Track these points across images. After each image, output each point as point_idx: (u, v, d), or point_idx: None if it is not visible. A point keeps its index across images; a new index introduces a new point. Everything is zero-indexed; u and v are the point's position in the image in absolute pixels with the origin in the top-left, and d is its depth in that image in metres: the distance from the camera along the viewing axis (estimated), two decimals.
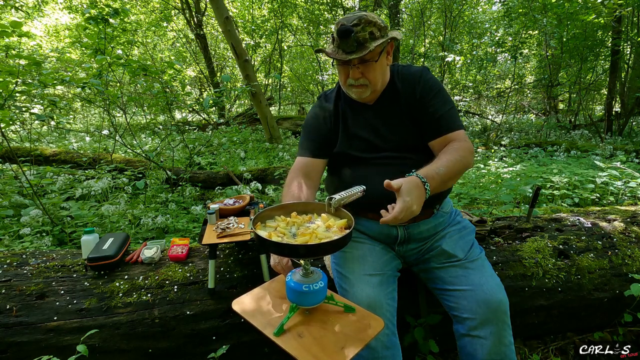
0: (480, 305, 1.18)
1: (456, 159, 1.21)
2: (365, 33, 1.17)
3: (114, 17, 3.34)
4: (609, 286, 1.61)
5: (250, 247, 1.61)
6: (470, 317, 1.19)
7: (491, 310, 1.18)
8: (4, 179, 3.61)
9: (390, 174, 1.29)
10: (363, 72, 1.24)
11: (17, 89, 2.60)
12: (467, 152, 1.25)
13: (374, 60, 1.22)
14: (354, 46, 1.17)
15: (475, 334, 1.18)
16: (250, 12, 10.50)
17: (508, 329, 1.20)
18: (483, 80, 12.01)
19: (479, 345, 1.18)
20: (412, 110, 1.32)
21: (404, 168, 1.29)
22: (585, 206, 2.97)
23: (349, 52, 1.19)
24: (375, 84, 1.28)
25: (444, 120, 1.29)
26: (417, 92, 1.31)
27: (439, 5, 9.60)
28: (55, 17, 11.25)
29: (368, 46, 1.17)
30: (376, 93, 1.33)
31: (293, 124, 8.27)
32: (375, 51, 1.21)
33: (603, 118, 7.84)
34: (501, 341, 1.17)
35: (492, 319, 1.17)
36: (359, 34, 1.16)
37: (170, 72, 4.39)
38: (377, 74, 1.26)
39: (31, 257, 1.57)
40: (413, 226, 1.35)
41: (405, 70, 1.37)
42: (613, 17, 5.78)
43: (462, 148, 1.25)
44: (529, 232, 1.76)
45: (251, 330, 1.06)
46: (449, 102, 1.33)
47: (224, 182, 4.18)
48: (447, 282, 1.27)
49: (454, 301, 1.24)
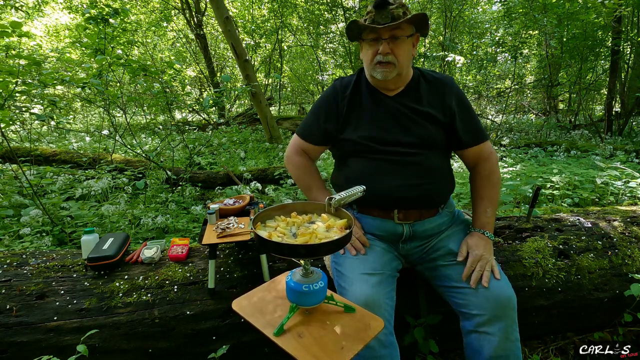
0: (490, 301, 1.19)
1: (496, 190, 1.39)
2: (400, 10, 1.22)
3: (114, 17, 3.35)
4: (609, 286, 1.61)
5: (250, 247, 1.61)
6: (479, 314, 1.20)
7: (500, 306, 1.19)
8: (4, 179, 3.61)
9: (402, 170, 1.31)
10: (392, 49, 1.26)
11: (17, 89, 2.60)
12: (498, 175, 1.41)
13: (405, 36, 1.25)
14: (388, 18, 1.21)
15: (483, 330, 1.19)
16: (250, 12, 10.50)
17: (515, 325, 1.21)
18: (483, 80, 12.00)
19: (485, 341, 1.18)
20: (440, 115, 1.34)
21: (417, 166, 1.32)
22: (585, 206, 2.97)
23: (384, 24, 1.22)
24: (402, 64, 1.29)
25: (476, 132, 1.38)
26: (450, 101, 1.35)
27: (439, 5, 9.59)
28: (55, 17, 11.25)
29: (402, 19, 1.20)
30: (400, 79, 1.34)
31: (293, 124, 8.27)
32: (406, 30, 1.25)
33: (603, 118, 7.84)
34: (508, 337, 1.18)
35: (501, 315, 1.18)
36: (394, 9, 1.21)
37: (170, 72, 4.39)
38: (406, 53, 1.28)
39: (31, 257, 1.57)
40: (418, 224, 1.36)
41: (432, 74, 1.40)
42: (613, 17, 5.78)
43: (495, 173, 1.39)
44: (529, 232, 1.76)
45: (251, 330, 1.06)
46: (474, 111, 1.41)
47: (224, 182, 4.18)
48: (455, 279, 1.28)
49: (462, 298, 1.25)
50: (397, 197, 1.32)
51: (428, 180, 1.33)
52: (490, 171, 1.39)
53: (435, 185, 1.35)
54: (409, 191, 1.31)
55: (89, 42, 3.51)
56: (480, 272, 1.24)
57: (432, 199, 1.36)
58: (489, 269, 1.25)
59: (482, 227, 1.35)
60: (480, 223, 1.37)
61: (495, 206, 1.38)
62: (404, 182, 1.31)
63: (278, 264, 1.56)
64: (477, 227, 1.37)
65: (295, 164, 1.50)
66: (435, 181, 1.34)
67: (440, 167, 1.37)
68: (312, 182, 1.49)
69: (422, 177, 1.32)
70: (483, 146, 1.39)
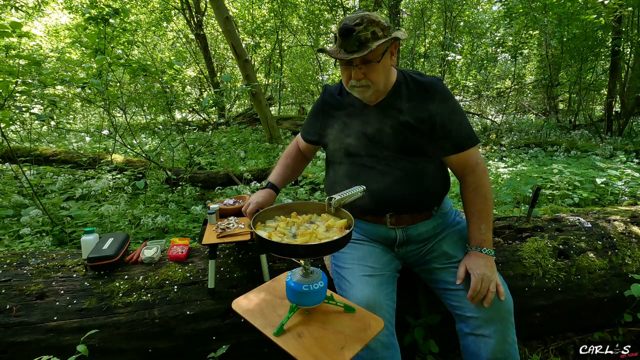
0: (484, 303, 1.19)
1: (488, 204, 1.31)
2: (368, 32, 1.14)
3: (114, 17, 3.34)
4: (609, 286, 1.61)
5: (250, 247, 1.61)
6: (474, 316, 1.19)
7: (494, 308, 1.18)
8: (4, 179, 3.61)
9: (389, 177, 1.30)
10: (365, 73, 1.21)
11: (17, 88, 2.59)
12: (487, 187, 1.32)
13: (376, 61, 1.19)
14: (355, 45, 1.15)
15: (479, 332, 1.18)
16: (250, 12, 10.49)
17: (512, 327, 1.20)
18: (483, 80, 12.00)
19: (482, 343, 1.18)
20: (425, 120, 1.28)
21: (404, 172, 1.30)
22: (585, 206, 2.97)
23: (351, 52, 1.16)
24: (378, 84, 1.24)
25: (460, 140, 1.30)
26: (433, 106, 1.28)
27: (439, 5, 9.60)
28: (55, 18, 11.25)
29: (370, 46, 1.14)
30: (379, 93, 1.30)
31: (293, 124, 8.26)
32: (377, 51, 1.18)
33: (603, 118, 7.83)
34: (505, 340, 1.17)
35: (496, 317, 1.18)
36: (360, 34, 1.14)
37: (170, 72, 4.39)
38: (380, 74, 1.23)
39: (31, 257, 1.57)
40: (412, 228, 1.35)
41: (418, 78, 1.33)
42: (613, 17, 5.77)
43: (483, 186, 1.31)
44: (529, 232, 1.76)
45: (251, 330, 1.06)
46: (464, 116, 1.32)
47: (224, 182, 4.17)
48: (449, 281, 1.28)
49: (457, 300, 1.24)
50: (387, 203, 1.31)
51: (417, 185, 1.30)
52: (478, 184, 1.31)
53: (424, 190, 1.32)
54: (397, 197, 1.30)
55: (88, 42, 3.51)
56: (484, 293, 1.20)
57: (422, 204, 1.35)
58: (494, 288, 1.20)
59: (479, 245, 1.29)
60: (475, 241, 1.30)
61: (489, 220, 1.31)
62: (393, 187, 1.30)
63: (278, 264, 1.56)
64: (473, 245, 1.30)
65: (287, 150, 1.64)
66: (424, 185, 1.31)
67: (429, 171, 1.33)
68: (282, 161, 1.59)
69: (410, 182, 1.30)
70: (467, 155, 1.31)
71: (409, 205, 1.32)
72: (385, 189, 1.30)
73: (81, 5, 8.93)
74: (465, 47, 11.30)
